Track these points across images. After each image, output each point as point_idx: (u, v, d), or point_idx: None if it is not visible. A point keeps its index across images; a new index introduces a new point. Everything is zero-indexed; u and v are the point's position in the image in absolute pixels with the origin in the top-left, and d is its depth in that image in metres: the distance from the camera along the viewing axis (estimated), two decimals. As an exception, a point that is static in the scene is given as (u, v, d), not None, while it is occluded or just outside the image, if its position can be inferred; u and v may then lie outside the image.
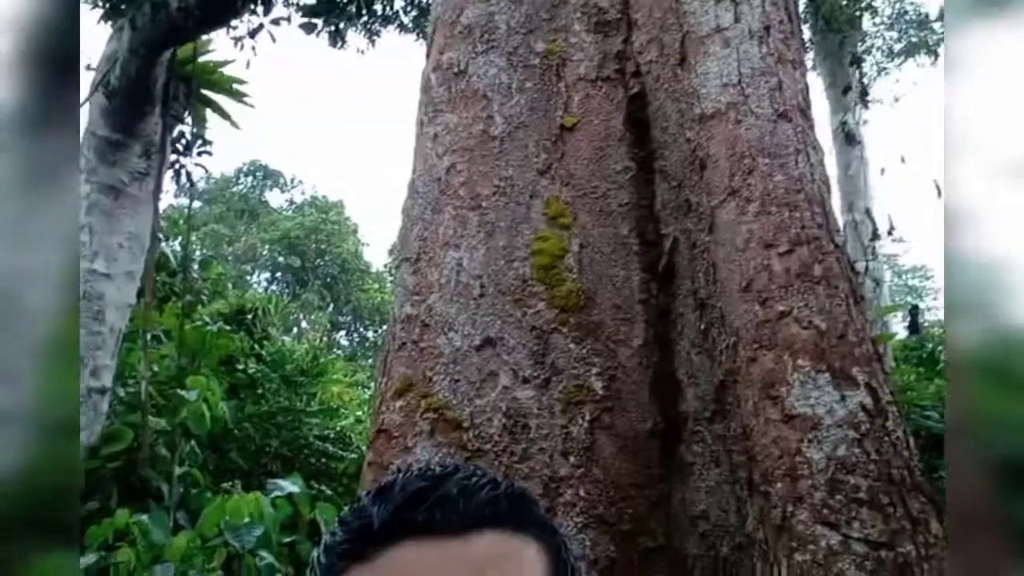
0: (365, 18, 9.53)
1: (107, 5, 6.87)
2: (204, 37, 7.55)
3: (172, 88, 7.04)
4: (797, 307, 1.43)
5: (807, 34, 10.74)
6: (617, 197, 2.00)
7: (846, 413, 1.29)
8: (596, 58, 2.24)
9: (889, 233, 6.32)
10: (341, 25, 9.03)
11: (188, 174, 7.93)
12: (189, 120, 7.81)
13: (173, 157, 7.60)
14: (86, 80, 6.87)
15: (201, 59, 7.68)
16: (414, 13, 9.82)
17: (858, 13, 10.21)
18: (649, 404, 1.74)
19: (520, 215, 1.94)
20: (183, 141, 7.78)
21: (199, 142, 7.93)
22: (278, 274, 29.89)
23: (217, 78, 8.08)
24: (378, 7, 9.61)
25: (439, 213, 1.97)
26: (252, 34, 7.57)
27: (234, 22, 7.43)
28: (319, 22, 8.57)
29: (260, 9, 7.55)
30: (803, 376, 1.35)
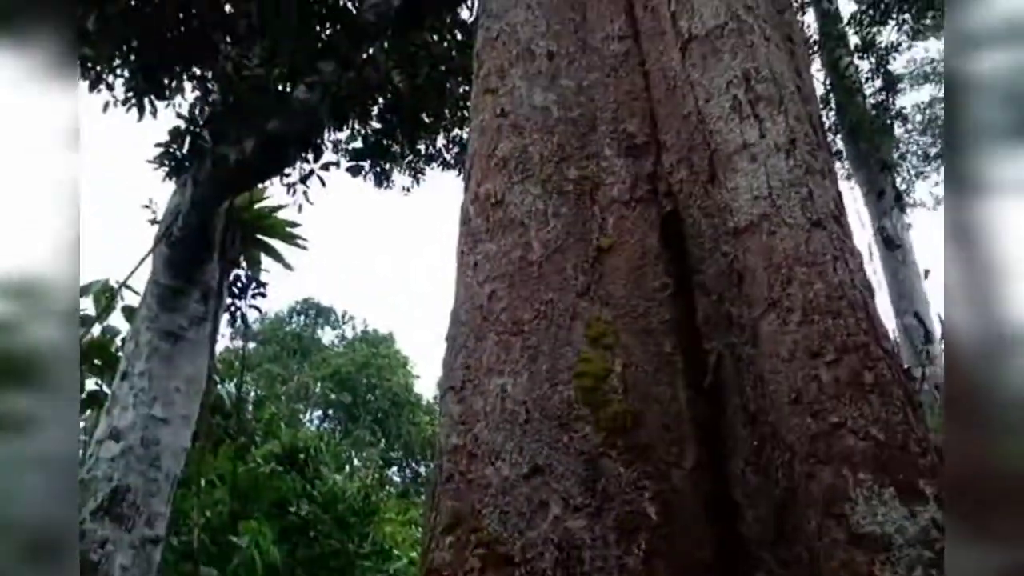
0: (409, 158, 10.01)
1: (171, 164, 7.35)
2: (259, 185, 7.99)
3: (229, 235, 7.38)
4: (851, 417, 1.37)
5: (840, 144, 10.89)
6: (658, 314, 1.99)
7: (917, 531, 1.20)
8: (628, 180, 2.29)
9: (941, 336, 6.13)
10: (387, 166, 9.49)
11: (243, 316, 8.18)
12: (244, 264, 8.14)
13: (229, 300, 7.87)
14: (151, 233, 7.28)
15: (256, 205, 8.09)
16: (456, 150, 10.29)
17: (888, 121, 10.36)
18: (706, 529, 1.65)
19: (562, 338, 1.93)
20: (239, 284, 8.09)
21: (254, 285, 8.22)
22: (330, 411, 30.02)
23: (272, 223, 8.48)
24: (421, 146, 10.10)
25: (482, 340, 1.97)
26: (303, 180, 8.01)
27: (287, 169, 7.87)
28: (366, 165, 9.03)
29: (311, 156, 8.00)
30: (866, 491, 1.27)
